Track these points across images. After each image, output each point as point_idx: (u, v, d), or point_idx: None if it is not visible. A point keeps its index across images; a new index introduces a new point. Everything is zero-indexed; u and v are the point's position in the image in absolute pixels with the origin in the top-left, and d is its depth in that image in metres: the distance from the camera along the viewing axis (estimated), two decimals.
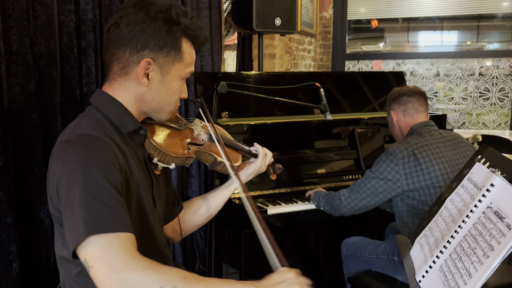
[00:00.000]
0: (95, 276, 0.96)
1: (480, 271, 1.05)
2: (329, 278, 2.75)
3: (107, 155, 1.08)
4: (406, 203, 1.97)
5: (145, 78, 1.18)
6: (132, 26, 1.15)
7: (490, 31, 5.24)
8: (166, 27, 1.17)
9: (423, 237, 1.39)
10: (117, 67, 1.20)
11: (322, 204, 2.12)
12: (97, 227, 0.97)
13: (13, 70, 1.67)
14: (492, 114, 4.97)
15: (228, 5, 3.31)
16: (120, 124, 1.19)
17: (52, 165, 1.11)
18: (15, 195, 1.68)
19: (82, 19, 1.95)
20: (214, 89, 1.96)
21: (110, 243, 0.97)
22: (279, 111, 2.52)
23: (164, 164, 1.31)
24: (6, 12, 1.63)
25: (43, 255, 1.80)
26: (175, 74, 1.22)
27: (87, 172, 1.02)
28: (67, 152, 1.08)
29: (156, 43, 1.17)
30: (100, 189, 1.02)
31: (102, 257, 0.96)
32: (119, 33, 1.17)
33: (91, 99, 1.24)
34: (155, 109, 1.25)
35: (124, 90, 1.21)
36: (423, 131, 2.03)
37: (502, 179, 1.14)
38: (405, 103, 2.11)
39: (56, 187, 1.07)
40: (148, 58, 1.17)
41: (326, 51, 5.34)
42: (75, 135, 1.11)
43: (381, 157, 1.98)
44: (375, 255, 2.11)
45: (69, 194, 1.02)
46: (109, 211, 1.00)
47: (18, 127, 1.71)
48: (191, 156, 1.37)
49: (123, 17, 1.16)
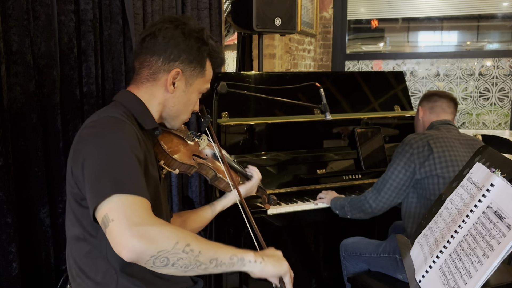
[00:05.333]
0: (114, 229, 1.01)
1: (480, 271, 1.05)
2: (329, 278, 2.75)
3: (133, 134, 1.20)
4: (418, 193, 2.00)
5: (171, 85, 1.33)
6: (169, 39, 1.31)
7: (490, 31, 5.24)
8: (197, 45, 1.34)
9: (423, 237, 1.39)
10: (147, 72, 1.34)
11: (349, 213, 2.14)
12: (123, 187, 1.05)
13: (13, 70, 1.67)
14: (492, 114, 4.97)
15: (228, 5, 3.31)
16: (142, 121, 1.31)
17: (79, 141, 1.19)
18: (15, 195, 1.68)
19: (82, 19, 1.95)
20: (214, 89, 1.96)
21: (132, 202, 1.05)
22: (279, 111, 2.52)
23: (169, 168, 1.40)
24: (6, 12, 1.63)
25: (43, 255, 1.80)
26: (196, 87, 1.39)
27: (116, 142, 1.13)
28: (97, 128, 1.18)
29: (187, 57, 1.33)
30: (127, 157, 1.12)
31: (124, 211, 1.02)
32: (155, 42, 1.32)
33: (115, 97, 1.36)
34: (173, 115, 1.40)
35: (150, 93, 1.35)
36: (442, 127, 2.09)
37: (502, 179, 1.14)
38: (434, 101, 2.18)
39: (82, 160, 1.13)
40: (178, 69, 1.33)
41: (326, 51, 5.34)
42: (104, 116, 1.23)
43: (398, 149, 2.03)
44: (375, 254, 2.11)
45: (97, 160, 1.10)
46: (133, 176, 1.09)
47: (18, 127, 1.71)
48: (194, 166, 1.48)
49: (161, 30, 1.32)
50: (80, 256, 1.24)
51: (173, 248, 1.02)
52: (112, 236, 1.02)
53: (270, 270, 1.20)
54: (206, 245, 1.09)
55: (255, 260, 1.18)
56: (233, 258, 1.14)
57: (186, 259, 1.04)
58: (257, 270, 1.18)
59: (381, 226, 2.61)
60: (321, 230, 2.74)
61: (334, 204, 2.20)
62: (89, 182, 1.10)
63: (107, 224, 1.02)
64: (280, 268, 1.22)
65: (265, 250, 1.29)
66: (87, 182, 1.11)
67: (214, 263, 1.10)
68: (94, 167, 1.10)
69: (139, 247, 0.99)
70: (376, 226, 2.71)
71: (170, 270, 1.05)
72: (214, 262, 1.09)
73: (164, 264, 1.03)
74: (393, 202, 2.03)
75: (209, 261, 1.08)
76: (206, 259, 1.08)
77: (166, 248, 1.02)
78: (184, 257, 1.04)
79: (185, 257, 1.04)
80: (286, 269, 1.24)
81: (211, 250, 1.09)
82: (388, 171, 2.03)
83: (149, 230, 1.01)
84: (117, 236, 1.00)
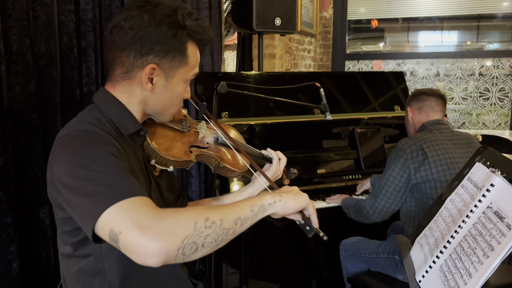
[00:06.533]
0: (127, 239, 0.91)
1: (480, 271, 1.05)
2: (329, 278, 2.75)
3: (109, 145, 1.08)
4: (415, 197, 1.99)
5: (149, 83, 1.17)
6: (137, 30, 1.12)
7: (490, 31, 5.24)
8: (172, 32, 1.14)
9: (423, 237, 1.39)
10: (120, 70, 1.18)
11: (353, 215, 2.15)
12: (114, 196, 0.95)
13: (13, 70, 1.67)
14: (492, 114, 4.97)
15: (228, 5, 3.31)
16: (121, 125, 1.18)
17: (52, 160, 1.09)
18: (15, 195, 1.68)
19: (82, 19, 1.95)
20: (214, 89, 1.96)
21: (131, 206, 0.94)
22: (279, 111, 2.52)
23: (162, 166, 1.30)
24: (6, 12, 1.63)
25: (43, 255, 1.80)
26: (179, 78, 1.21)
27: (92, 156, 1.01)
28: (67, 145, 1.07)
29: (161, 48, 1.14)
30: (108, 167, 1.00)
31: (129, 218, 0.92)
32: (122, 36, 1.13)
33: (94, 97, 1.22)
34: (158, 111, 1.25)
35: (127, 92, 1.19)
36: (433, 128, 2.07)
37: (502, 179, 1.13)
38: (422, 100, 2.16)
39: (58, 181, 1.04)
40: (152, 64, 1.15)
41: (326, 51, 5.34)
42: (73, 130, 1.11)
43: (391, 155, 2.01)
44: (375, 255, 2.11)
45: (77, 181, 0.99)
46: (122, 182, 0.99)
47: (18, 127, 1.71)
48: (191, 160, 1.35)
49: (128, 19, 1.13)
50: (72, 271, 1.17)
51: (195, 230, 0.95)
52: (128, 249, 0.92)
53: (292, 205, 1.16)
54: (223, 210, 1.03)
55: (274, 200, 1.13)
56: (254, 208, 1.09)
57: (213, 233, 0.98)
58: (279, 208, 1.14)
59: (380, 226, 2.61)
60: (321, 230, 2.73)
61: (344, 204, 2.21)
62: (75, 204, 1.00)
63: (116, 238, 0.92)
64: (300, 201, 1.18)
65: (281, 189, 1.23)
66: (72, 206, 1.01)
67: (239, 223, 1.04)
68: (75, 189, 0.99)
69: (162, 247, 0.90)
70: (376, 226, 2.71)
71: (203, 252, 0.98)
72: (238, 222, 1.04)
73: (194, 249, 0.95)
74: (390, 208, 2.02)
75: (234, 223, 1.03)
76: (230, 223, 1.02)
77: (188, 233, 0.94)
78: (210, 232, 0.97)
79: (211, 232, 0.97)
80: (307, 200, 1.20)
81: (230, 212, 1.03)
82: (383, 177, 2.02)
83: (162, 225, 0.92)
84: (134, 246, 0.91)
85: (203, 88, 2.42)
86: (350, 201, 2.19)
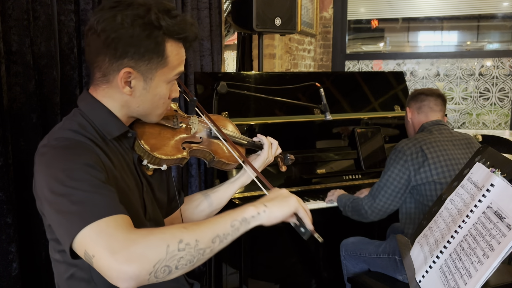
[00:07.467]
0: (99, 264, 0.92)
1: (480, 271, 1.05)
2: (329, 278, 2.75)
3: (88, 155, 1.06)
4: (415, 199, 1.99)
5: (127, 87, 1.13)
6: (109, 33, 1.07)
7: (490, 31, 5.24)
8: (145, 33, 1.08)
9: (423, 237, 1.39)
10: (98, 74, 1.15)
11: (350, 213, 2.14)
12: (88, 217, 0.94)
13: (13, 70, 1.67)
14: (492, 114, 4.97)
15: (228, 5, 3.31)
16: (104, 130, 1.16)
17: (34, 170, 1.09)
18: (15, 195, 1.68)
19: (82, 19, 1.95)
20: (214, 89, 1.96)
21: (105, 228, 0.93)
22: (279, 111, 2.52)
23: (155, 166, 1.28)
24: (6, 12, 1.63)
25: (43, 255, 1.80)
26: (160, 80, 1.16)
27: (68, 170, 1.00)
28: (46, 156, 1.06)
29: (135, 51, 1.09)
30: (83, 182, 0.99)
31: (101, 242, 0.92)
32: (96, 39, 1.10)
33: (78, 100, 1.20)
34: (142, 114, 1.21)
35: (108, 96, 1.17)
36: (433, 129, 2.07)
37: (502, 179, 1.13)
38: (421, 101, 2.16)
39: (40, 192, 1.05)
40: (127, 68, 1.10)
41: (326, 51, 5.34)
42: (53, 139, 1.09)
43: (391, 156, 2.01)
44: (375, 255, 2.11)
45: (53, 196, 0.99)
46: (96, 199, 0.97)
47: (18, 127, 1.71)
48: (184, 157, 1.33)
49: (100, 21, 1.08)
50: (64, 278, 1.16)
51: (167, 254, 0.92)
52: (102, 271, 0.92)
53: (278, 213, 1.10)
54: (199, 229, 0.97)
55: (257, 212, 1.07)
56: (234, 223, 1.03)
57: (187, 255, 0.94)
58: (265, 220, 1.08)
59: (381, 226, 2.61)
60: (321, 230, 2.73)
61: (340, 201, 2.20)
62: (54, 220, 1.00)
63: (91, 261, 0.93)
64: (288, 206, 1.12)
65: (266, 196, 1.16)
66: (51, 220, 1.02)
67: (218, 240, 0.99)
68: (52, 205, 0.99)
69: (132, 272, 0.89)
70: (376, 226, 2.71)
71: (177, 273, 0.95)
72: (217, 240, 0.99)
73: (168, 272, 0.93)
74: (388, 208, 2.02)
75: (212, 241, 0.98)
76: (207, 242, 0.97)
77: (159, 257, 0.92)
78: (184, 255, 0.94)
79: (185, 254, 0.94)
80: (296, 204, 1.13)
81: (207, 231, 0.98)
82: (382, 178, 2.02)
83: (132, 250, 0.90)
84: (106, 270, 0.91)
85: (203, 88, 2.42)
86: (346, 199, 2.18)
